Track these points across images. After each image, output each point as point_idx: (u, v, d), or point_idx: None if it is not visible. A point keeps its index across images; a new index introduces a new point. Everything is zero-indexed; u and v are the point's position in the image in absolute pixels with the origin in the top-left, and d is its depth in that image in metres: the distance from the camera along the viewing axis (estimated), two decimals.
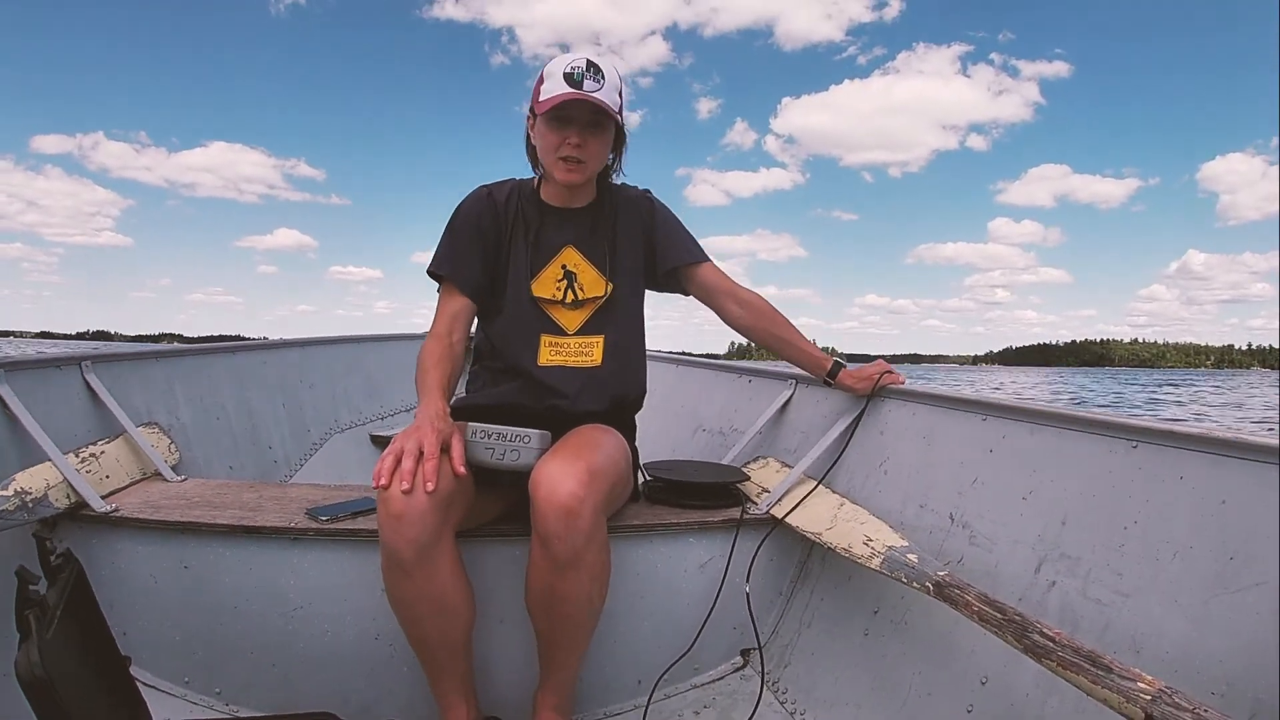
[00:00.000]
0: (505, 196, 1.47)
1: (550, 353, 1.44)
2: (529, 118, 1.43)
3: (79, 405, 1.68)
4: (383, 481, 1.09)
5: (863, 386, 1.60)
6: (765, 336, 1.62)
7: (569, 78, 1.33)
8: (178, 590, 1.37)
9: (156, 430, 1.88)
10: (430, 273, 1.47)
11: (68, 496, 1.40)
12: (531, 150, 1.46)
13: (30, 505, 1.31)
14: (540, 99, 1.35)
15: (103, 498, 1.45)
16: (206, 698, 1.37)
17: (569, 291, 1.46)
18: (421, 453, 1.12)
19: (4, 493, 1.29)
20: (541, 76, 1.37)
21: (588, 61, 1.35)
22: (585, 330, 1.46)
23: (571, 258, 1.46)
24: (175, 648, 1.38)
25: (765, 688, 1.45)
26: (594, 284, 1.47)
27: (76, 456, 1.52)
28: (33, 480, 1.36)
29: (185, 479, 1.72)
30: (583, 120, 1.36)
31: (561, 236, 1.47)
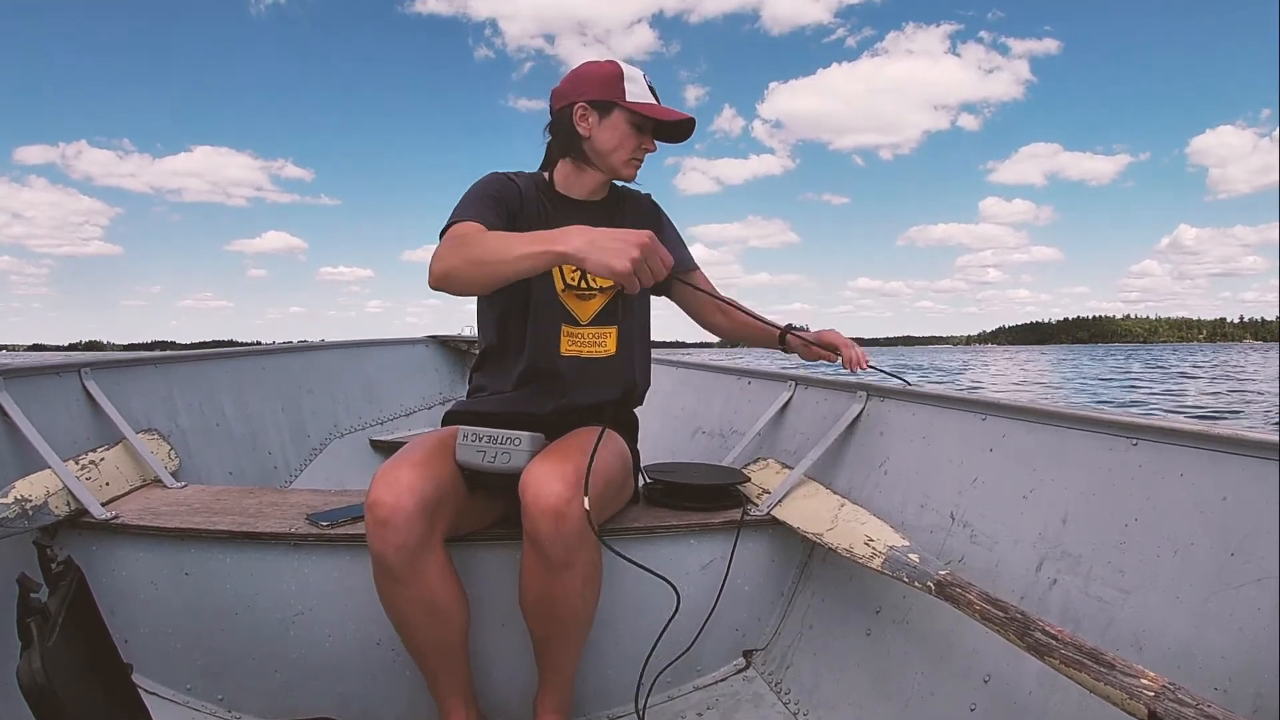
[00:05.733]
0: (524, 184, 1.46)
1: (569, 343, 1.45)
2: (581, 107, 1.40)
3: (78, 412, 1.68)
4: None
5: (810, 354, 1.65)
6: (738, 329, 1.70)
7: (652, 91, 1.44)
8: (179, 597, 1.37)
9: (156, 437, 1.88)
10: (449, 225, 1.33)
11: (68, 504, 1.40)
12: (568, 138, 1.43)
13: (30, 513, 1.31)
14: (631, 100, 1.40)
15: (103, 505, 1.45)
16: (209, 704, 1.37)
17: (584, 280, 1.46)
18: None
19: (4, 500, 1.29)
20: (621, 75, 1.40)
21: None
22: (598, 321, 1.47)
23: None
24: (177, 654, 1.38)
25: (768, 688, 1.45)
26: None
27: (76, 464, 1.52)
28: (32, 488, 1.36)
29: (185, 485, 1.72)
30: (651, 129, 1.45)
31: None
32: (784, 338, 1.66)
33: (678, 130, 1.47)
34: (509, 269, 1.11)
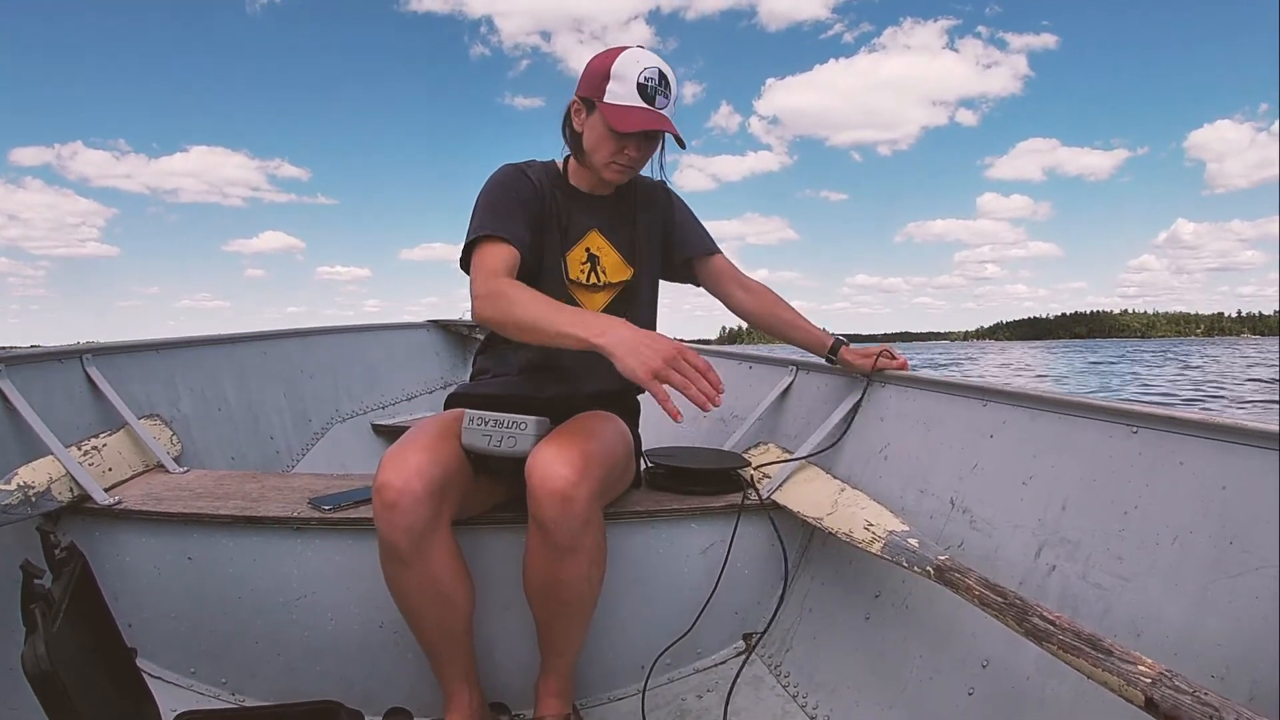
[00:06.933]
0: (536, 175, 1.44)
1: None
2: (576, 101, 1.38)
3: (80, 398, 1.68)
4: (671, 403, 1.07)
5: (864, 364, 1.61)
6: (770, 319, 1.66)
7: (643, 90, 1.30)
8: (182, 581, 1.38)
9: (158, 422, 1.88)
10: (470, 242, 1.34)
11: (70, 490, 1.40)
12: (574, 134, 1.41)
13: (33, 499, 1.31)
14: (607, 100, 1.31)
15: (105, 490, 1.46)
16: (213, 687, 1.39)
17: (592, 274, 1.47)
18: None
19: (6, 487, 1.29)
20: (609, 71, 1.31)
21: (659, 73, 1.32)
22: (606, 313, 1.45)
23: (596, 241, 1.48)
24: (180, 638, 1.39)
25: (767, 671, 1.46)
26: (617, 268, 1.49)
27: (79, 449, 1.53)
28: (35, 474, 1.36)
29: (187, 470, 1.73)
30: (642, 135, 1.35)
31: (588, 220, 1.47)
32: (836, 349, 1.63)
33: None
34: (549, 340, 1.20)
